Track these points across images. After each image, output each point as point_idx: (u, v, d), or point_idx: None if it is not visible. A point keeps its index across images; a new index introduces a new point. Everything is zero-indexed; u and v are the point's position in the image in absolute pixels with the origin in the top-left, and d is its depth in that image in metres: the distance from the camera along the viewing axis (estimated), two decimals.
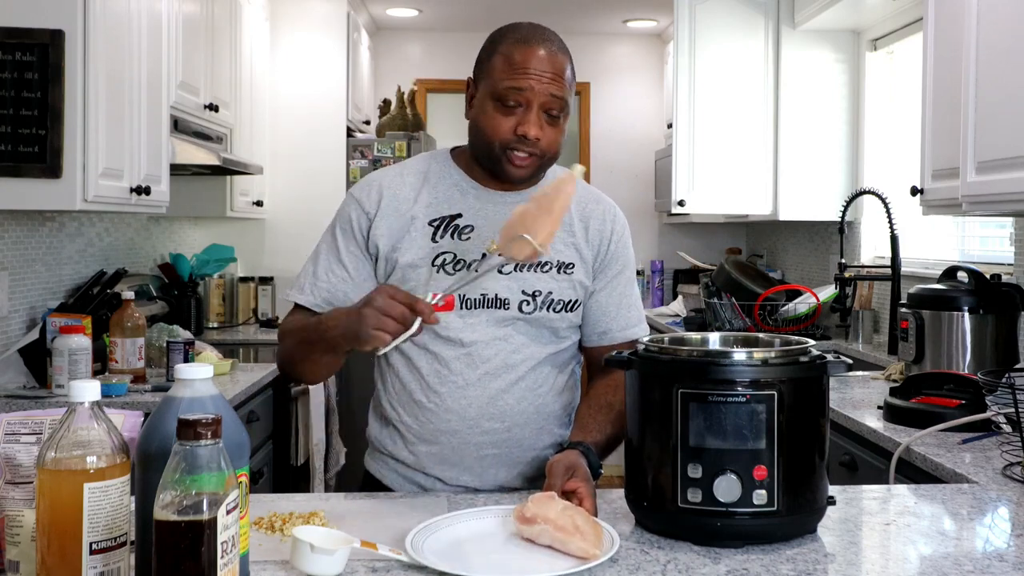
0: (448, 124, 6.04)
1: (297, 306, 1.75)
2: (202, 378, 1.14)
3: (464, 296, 1.68)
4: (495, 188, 1.73)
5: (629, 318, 1.80)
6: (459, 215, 1.71)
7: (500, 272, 1.69)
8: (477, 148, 1.71)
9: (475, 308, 1.69)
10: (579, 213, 1.77)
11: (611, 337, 1.78)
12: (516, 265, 1.69)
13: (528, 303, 1.70)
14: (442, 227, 1.71)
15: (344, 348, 1.56)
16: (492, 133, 1.64)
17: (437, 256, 1.69)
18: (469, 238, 1.70)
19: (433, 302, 1.46)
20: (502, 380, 1.70)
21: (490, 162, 1.68)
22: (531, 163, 1.66)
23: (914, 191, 2.93)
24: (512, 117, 1.63)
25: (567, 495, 1.44)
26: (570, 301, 1.73)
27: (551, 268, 1.72)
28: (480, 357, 1.69)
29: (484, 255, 1.68)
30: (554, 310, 1.71)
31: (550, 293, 1.71)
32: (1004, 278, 2.90)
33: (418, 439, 1.72)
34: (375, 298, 1.46)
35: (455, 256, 1.69)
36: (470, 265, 1.68)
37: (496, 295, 1.69)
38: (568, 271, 1.73)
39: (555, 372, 1.76)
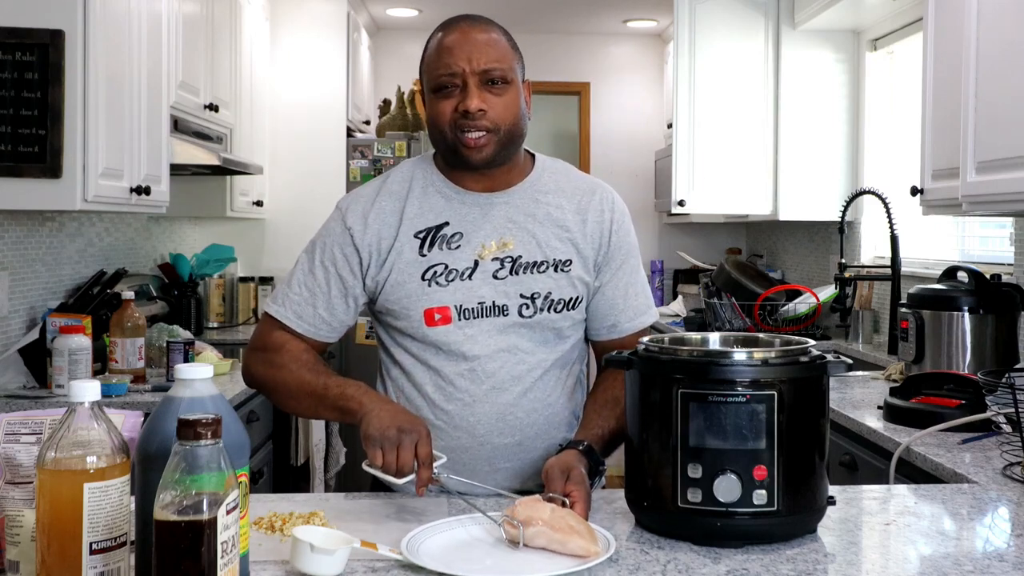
0: None
1: (273, 317, 1.72)
2: (202, 378, 1.14)
3: (461, 306, 1.66)
4: (479, 191, 1.70)
5: (637, 307, 1.76)
6: (446, 223, 1.68)
7: (495, 277, 1.66)
8: (436, 144, 1.68)
9: (473, 318, 1.65)
10: (574, 206, 1.72)
11: (620, 329, 1.75)
12: (512, 268, 1.67)
13: (528, 307, 1.66)
14: (429, 238, 1.67)
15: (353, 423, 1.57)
16: (438, 120, 1.63)
17: (428, 269, 1.66)
18: (459, 246, 1.67)
19: (435, 474, 1.47)
20: (510, 393, 1.66)
21: (450, 153, 1.66)
22: (487, 140, 1.62)
23: (914, 191, 2.93)
24: (452, 99, 1.61)
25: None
26: (571, 299, 1.69)
27: (548, 267, 1.68)
28: (484, 372, 1.65)
29: (476, 262, 1.67)
30: (555, 310, 1.68)
31: (549, 293, 1.67)
32: (1004, 278, 2.90)
33: None
34: (408, 433, 1.45)
35: (446, 267, 1.66)
36: (463, 274, 1.66)
37: (494, 302, 1.65)
38: (565, 268, 1.69)
39: (563, 377, 1.73)
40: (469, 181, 1.70)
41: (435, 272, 1.66)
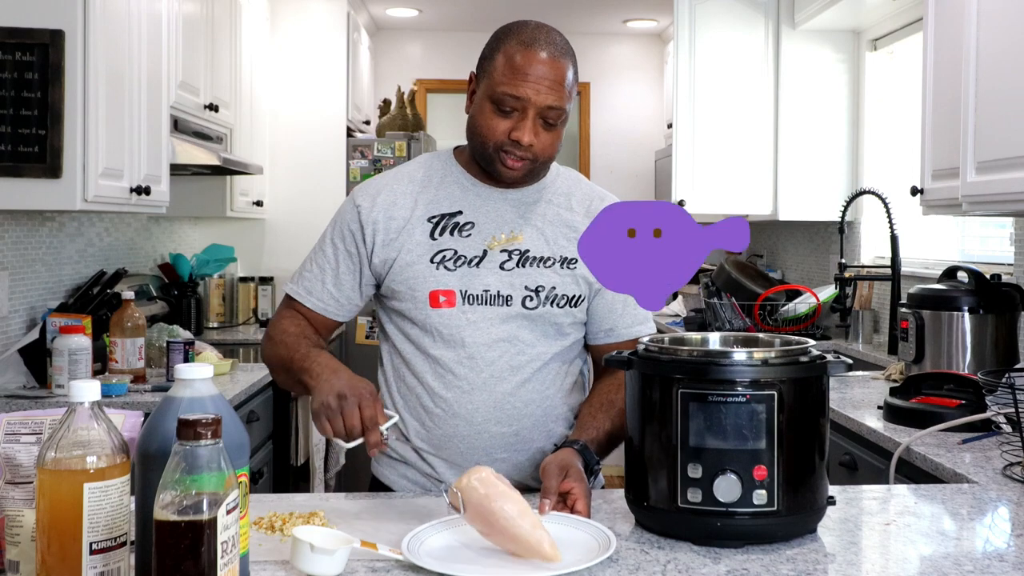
0: (448, 124, 6.05)
1: (289, 295, 1.80)
2: (202, 378, 1.14)
3: (466, 291, 1.68)
4: (496, 185, 1.73)
5: (636, 315, 1.78)
6: (459, 212, 1.71)
7: (502, 268, 1.69)
8: (472, 144, 1.71)
9: (477, 304, 1.68)
10: (584, 209, 1.76)
11: (618, 334, 1.77)
12: (519, 261, 1.69)
13: (531, 299, 1.69)
14: (441, 224, 1.71)
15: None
16: (487, 134, 1.65)
17: (436, 253, 1.69)
18: (470, 235, 1.70)
19: (384, 437, 1.46)
20: (508, 383, 1.68)
21: (484, 160, 1.69)
22: (523, 166, 1.66)
23: (914, 191, 2.93)
24: (508, 120, 1.62)
25: (561, 496, 1.44)
26: (574, 296, 1.72)
27: (554, 263, 1.71)
28: (483, 360, 1.67)
29: (485, 251, 1.69)
30: (558, 305, 1.70)
31: (553, 288, 1.70)
32: (1004, 278, 2.90)
33: (427, 444, 1.71)
34: (347, 398, 1.47)
35: (456, 252, 1.69)
36: (471, 261, 1.69)
37: (499, 292, 1.68)
38: (571, 266, 1.72)
39: (562, 372, 1.75)
40: (486, 176, 1.73)
41: (444, 256, 1.69)
